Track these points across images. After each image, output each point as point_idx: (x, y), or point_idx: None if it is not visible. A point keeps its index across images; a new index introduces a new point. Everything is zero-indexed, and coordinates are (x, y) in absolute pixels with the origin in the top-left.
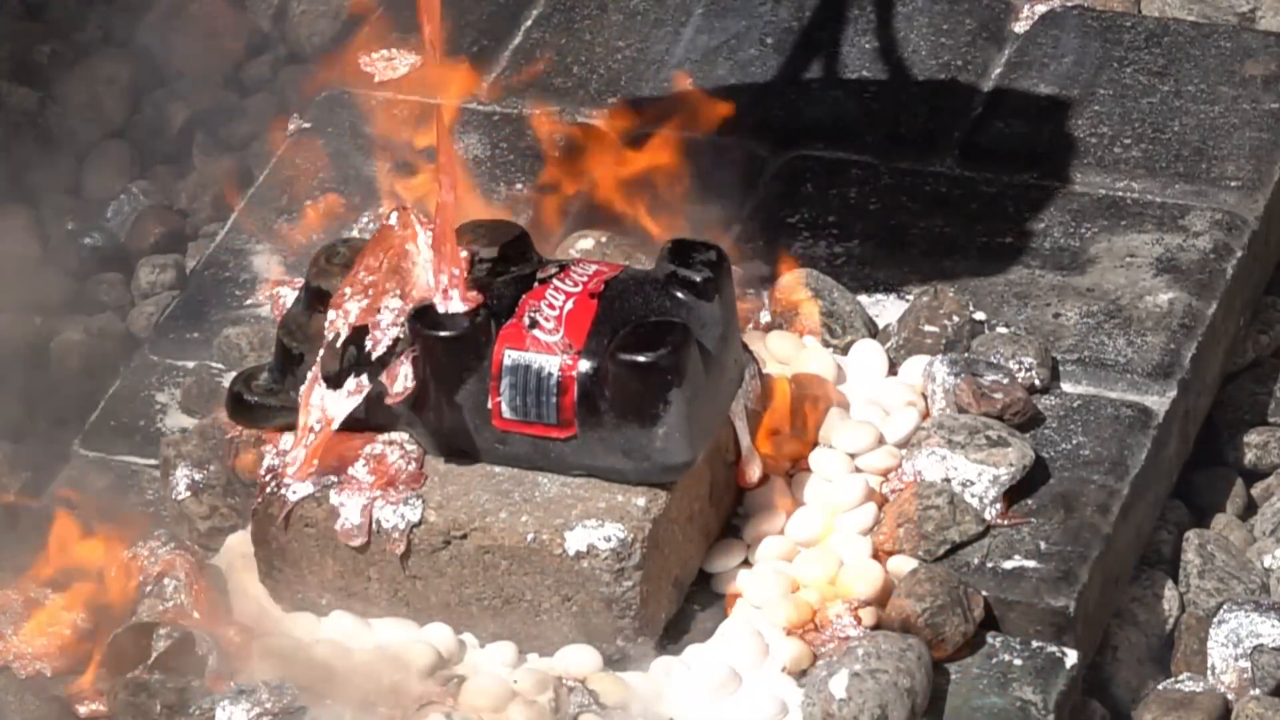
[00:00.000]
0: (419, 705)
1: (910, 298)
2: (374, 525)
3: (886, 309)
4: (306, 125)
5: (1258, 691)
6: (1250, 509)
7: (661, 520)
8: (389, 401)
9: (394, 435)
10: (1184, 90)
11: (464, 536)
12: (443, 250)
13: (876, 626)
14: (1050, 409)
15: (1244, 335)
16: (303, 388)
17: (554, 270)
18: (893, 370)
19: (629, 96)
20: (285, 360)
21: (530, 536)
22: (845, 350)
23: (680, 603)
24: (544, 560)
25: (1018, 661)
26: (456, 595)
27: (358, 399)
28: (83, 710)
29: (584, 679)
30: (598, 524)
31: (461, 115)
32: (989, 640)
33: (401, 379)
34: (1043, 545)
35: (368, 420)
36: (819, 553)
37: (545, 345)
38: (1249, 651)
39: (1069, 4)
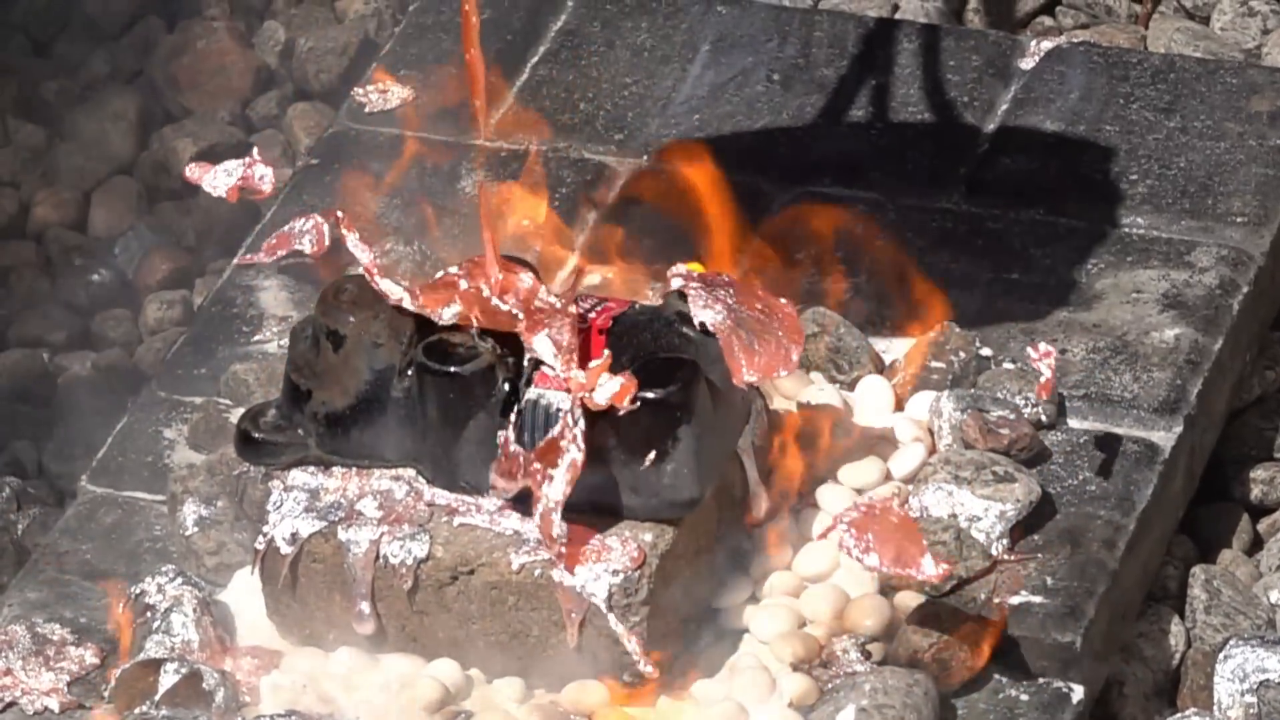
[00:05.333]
0: None
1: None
2: (381, 560)
3: (893, 345)
4: (314, 162)
5: None
6: (1256, 544)
7: (669, 556)
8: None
9: (401, 471)
10: (1190, 126)
11: (471, 572)
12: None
13: (883, 662)
14: (1056, 445)
15: (1250, 371)
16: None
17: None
18: (899, 406)
19: (636, 133)
20: (293, 397)
21: (538, 572)
22: (852, 386)
23: (687, 638)
24: (551, 595)
25: (1024, 697)
26: (464, 630)
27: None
28: None
29: (591, 714)
30: (605, 559)
31: (468, 151)
32: (995, 676)
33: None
34: (1049, 581)
35: (376, 454)
36: (826, 588)
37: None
38: (1255, 687)
39: (1075, 40)
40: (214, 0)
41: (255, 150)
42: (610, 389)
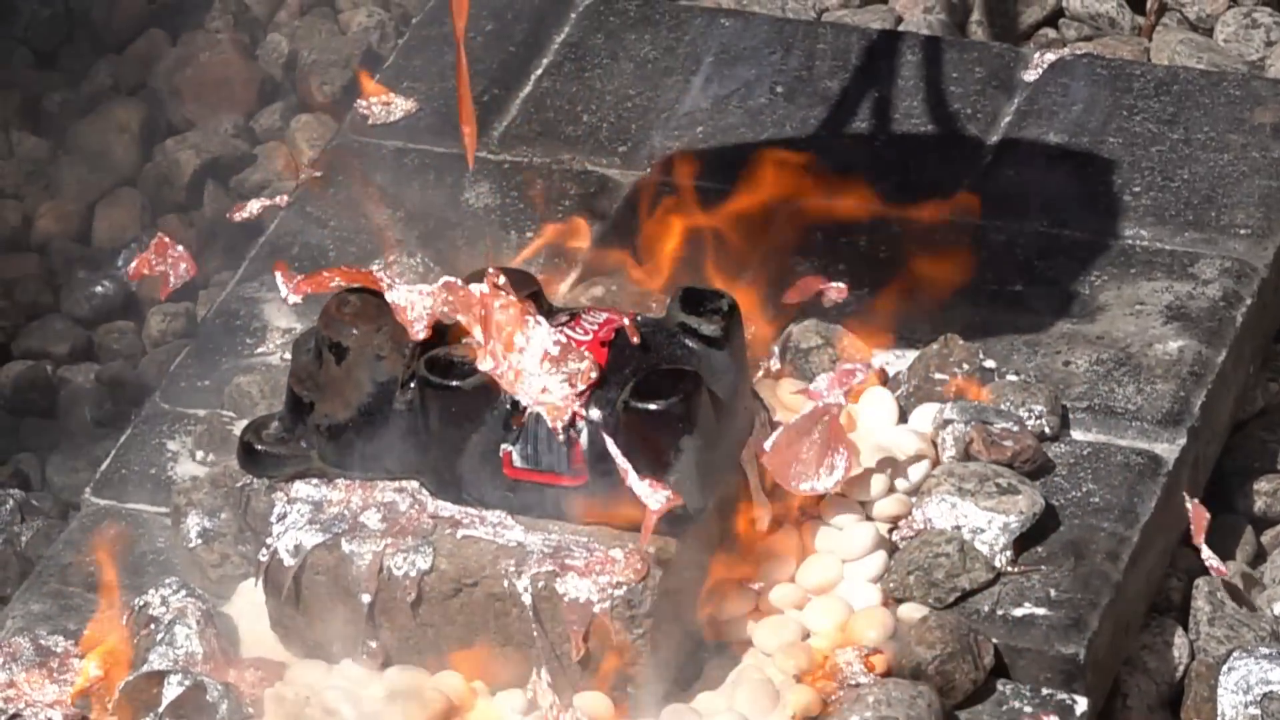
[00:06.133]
0: None
1: (920, 345)
2: (385, 573)
3: (897, 357)
4: (317, 174)
5: None
6: (1260, 556)
7: (672, 568)
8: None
9: (404, 483)
10: (1193, 138)
11: (475, 584)
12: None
13: (887, 674)
14: (1060, 456)
15: (1253, 383)
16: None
17: (565, 318)
18: (903, 418)
19: (639, 145)
20: (296, 409)
21: (541, 584)
22: (856, 398)
23: (691, 650)
24: (555, 608)
25: (1028, 709)
26: (467, 643)
27: None
28: None
29: None
30: (609, 571)
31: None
32: (999, 688)
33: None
34: (1053, 593)
35: (379, 467)
36: (829, 600)
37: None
38: (1259, 699)
39: (1079, 52)
40: (218, 12)
41: (160, 234)
42: (658, 501)
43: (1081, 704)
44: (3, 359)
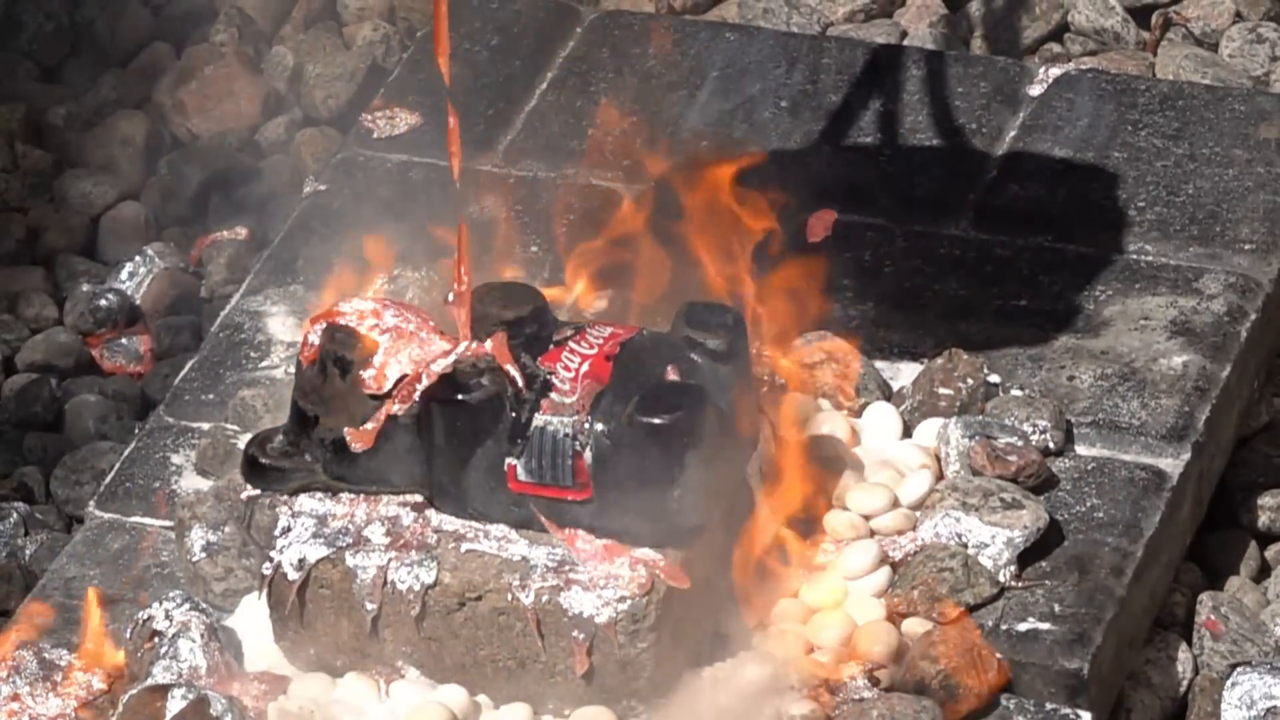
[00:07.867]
0: None
1: (925, 360)
2: (389, 586)
3: (901, 372)
4: (322, 188)
5: None
6: (1264, 571)
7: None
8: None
9: (408, 497)
10: (1198, 153)
11: (479, 598)
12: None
13: (891, 689)
14: (1064, 471)
15: (1258, 398)
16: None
17: (570, 333)
18: (907, 433)
19: (643, 159)
20: (300, 423)
21: (545, 598)
22: (859, 412)
23: (695, 665)
24: (559, 621)
25: None
26: (471, 656)
27: None
28: None
29: None
30: (613, 585)
31: (477, 178)
32: (1003, 702)
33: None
34: (1057, 607)
35: (383, 481)
36: (833, 615)
37: (561, 408)
38: (1263, 714)
39: (1083, 67)
40: (222, 26)
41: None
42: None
43: (1085, 719)
44: (7, 372)
